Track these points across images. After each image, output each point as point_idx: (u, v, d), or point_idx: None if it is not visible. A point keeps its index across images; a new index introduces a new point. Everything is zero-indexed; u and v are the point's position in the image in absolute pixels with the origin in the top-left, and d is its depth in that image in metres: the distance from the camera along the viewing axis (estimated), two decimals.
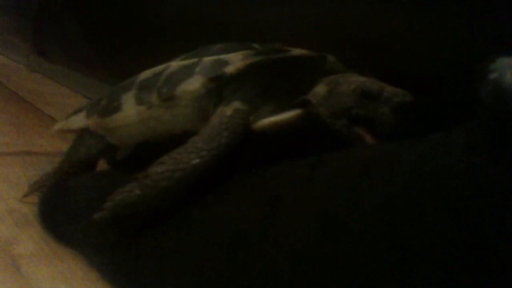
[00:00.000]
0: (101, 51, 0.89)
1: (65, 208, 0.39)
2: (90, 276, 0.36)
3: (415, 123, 0.35)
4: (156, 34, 0.72)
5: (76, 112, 0.46)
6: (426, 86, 0.39)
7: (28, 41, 1.20)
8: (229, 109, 0.35)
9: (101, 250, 0.35)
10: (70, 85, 1.07)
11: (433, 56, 0.39)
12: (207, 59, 0.38)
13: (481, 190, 0.23)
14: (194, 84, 0.36)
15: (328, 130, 0.35)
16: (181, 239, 0.31)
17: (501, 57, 0.22)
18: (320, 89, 0.36)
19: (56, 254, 0.38)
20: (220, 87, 0.37)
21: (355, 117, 0.34)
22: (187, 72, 0.37)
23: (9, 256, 0.37)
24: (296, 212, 0.28)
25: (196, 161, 0.32)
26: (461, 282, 0.23)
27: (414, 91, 0.35)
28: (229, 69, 0.36)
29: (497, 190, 0.23)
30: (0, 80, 1.11)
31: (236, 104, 0.35)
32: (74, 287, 0.34)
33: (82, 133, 0.45)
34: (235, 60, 0.36)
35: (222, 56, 0.37)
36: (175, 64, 0.39)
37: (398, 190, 0.25)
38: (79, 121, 0.44)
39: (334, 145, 0.35)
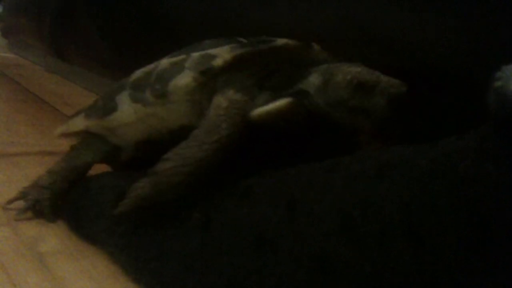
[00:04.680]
0: (117, 52, 0.91)
1: (88, 209, 0.41)
2: (113, 272, 0.37)
3: (409, 114, 0.35)
4: (172, 35, 0.74)
5: (75, 115, 0.48)
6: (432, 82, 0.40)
7: (46, 42, 1.22)
8: (224, 100, 0.36)
9: (125, 249, 0.36)
10: (87, 85, 1.09)
11: (439, 52, 0.40)
12: (195, 55, 0.39)
13: (491, 193, 0.24)
14: (185, 79, 0.38)
15: (328, 121, 0.36)
16: (204, 239, 0.33)
17: (507, 65, 0.23)
18: (315, 79, 0.36)
19: (80, 251, 0.40)
20: (210, 80, 0.38)
21: (352, 108, 0.35)
22: (177, 68, 0.39)
23: (37, 254, 0.39)
24: (315, 214, 0.29)
25: (200, 154, 0.34)
26: (473, 280, 0.25)
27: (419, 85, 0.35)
28: (217, 62, 0.37)
29: (505, 194, 0.24)
30: (19, 81, 1.13)
31: (231, 94, 0.36)
32: (99, 283, 0.36)
33: (84, 137, 0.47)
34: (222, 53, 0.38)
35: (210, 51, 0.39)
36: (164, 62, 0.41)
37: (413, 193, 0.26)
38: (79, 123, 0.46)
39: (334, 136, 0.36)
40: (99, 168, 0.48)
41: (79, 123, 0.46)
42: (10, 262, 0.37)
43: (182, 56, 0.40)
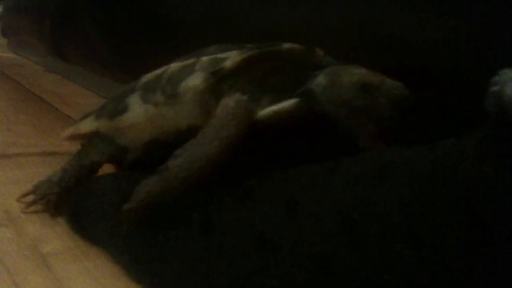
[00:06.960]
0: (117, 52, 0.91)
1: (90, 210, 0.41)
2: (116, 273, 0.37)
3: (411, 115, 0.36)
4: (172, 35, 0.74)
5: (84, 117, 0.49)
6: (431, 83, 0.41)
7: (46, 42, 1.22)
8: (232, 101, 0.37)
9: (127, 249, 0.36)
10: (88, 85, 1.09)
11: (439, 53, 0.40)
12: (205, 58, 0.41)
13: (490, 194, 0.24)
14: (195, 80, 0.39)
15: (331, 122, 0.37)
16: (204, 240, 0.33)
17: (504, 69, 0.23)
18: (322, 79, 0.38)
19: (83, 252, 0.40)
20: (219, 81, 0.39)
21: (355, 108, 0.36)
22: (187, 70, 0.40)
23: (39, 255, 0.39)
24: (315, 215, 0.30)
25: (210, 150, 0.34)
26: (473, 280, 0.25)
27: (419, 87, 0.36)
28: (227, 64, 0.39)
29: (504, 195, 0.24)
30: (19, 81, 1.13)
31: (237, 96, 0.37)
32: (101, 283, 0.36)
33: (91, 138, 0.47)
34: (232, 56, 0.39)
35: (219, 55, 0.40)
36: (174, 65, 0.42)
37: (413, 194, 0.27)
38: (89, 125, 0.47)
39: (337, 140, 0.37)
40: (102, 170, 0.48)
41: (89, 125, 0.47)
42: (12, 262, 0.37)
43: (192, 60, 0.41)
